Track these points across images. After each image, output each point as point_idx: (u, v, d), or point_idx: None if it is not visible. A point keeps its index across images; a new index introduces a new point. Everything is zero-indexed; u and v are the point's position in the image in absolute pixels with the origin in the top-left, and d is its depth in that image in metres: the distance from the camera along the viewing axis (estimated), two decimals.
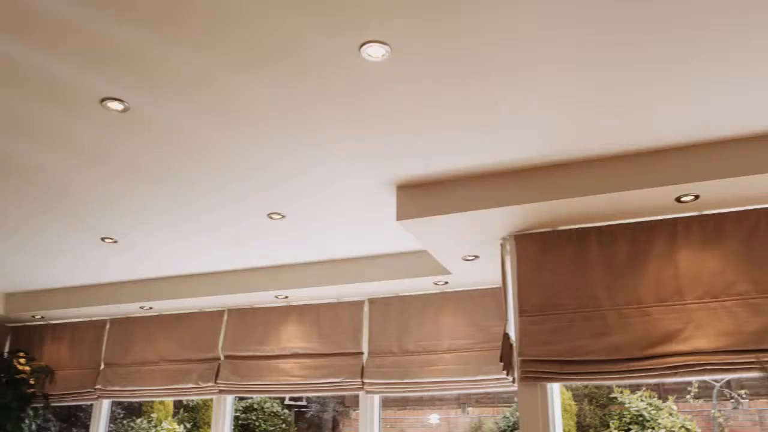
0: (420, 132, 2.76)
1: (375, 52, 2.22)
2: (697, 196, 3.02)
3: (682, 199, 3.04)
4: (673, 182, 2.90)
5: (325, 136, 2.81)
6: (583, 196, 3.01)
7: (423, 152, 2.95)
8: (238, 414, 9.32)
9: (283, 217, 3.74)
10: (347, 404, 10.56)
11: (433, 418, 9.83)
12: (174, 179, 3.26)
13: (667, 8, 2.02)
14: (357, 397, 4.83)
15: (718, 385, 8.40)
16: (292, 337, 4.93)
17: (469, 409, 9.77)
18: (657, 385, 8.72)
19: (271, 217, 3.75)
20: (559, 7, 2.00)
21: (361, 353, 4.71)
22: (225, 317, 5.20)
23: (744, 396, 8.28)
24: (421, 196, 3.27)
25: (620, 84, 2.42)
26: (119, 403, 8.41)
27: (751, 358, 2.89)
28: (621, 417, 8.16)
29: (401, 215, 3.27)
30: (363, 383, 4.62)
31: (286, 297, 4.87)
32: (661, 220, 3.22)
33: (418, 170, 3.13)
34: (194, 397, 7.29)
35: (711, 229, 3.15)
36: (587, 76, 2.37)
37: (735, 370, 2.96)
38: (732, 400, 8.42)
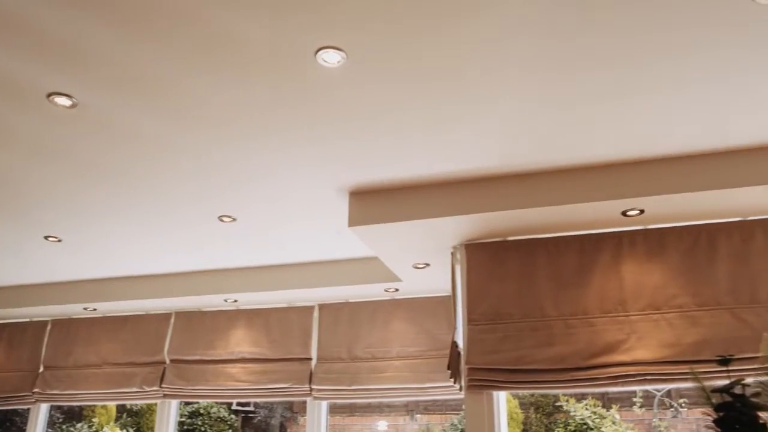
0: (375, 139, 2.77)
1: (331, 58, 2.22)
2: (642, 211, 3.10)
3: (628, 213, 3.12)
4: (619, 197, 2.98)
5: (279, 140, 2.79)
6: (533, 208, 3.06)
7: (377, 159, 2.96)
8: (183, 419, 9.15)
9: (235, 220, 3.70)
10: (295, 410, 10.47)
11: (381, 425, 9.83)
12: (122, 178, 3.19)
13: (619, 29, 2.07)
14: (305, 402, 4.80)
15: (659, 394, 8.62)
16: (240, 342, 4.86)
17: (418, 416, 9.80)
18: (602, 394, 8.91)
19: (222, 220, 3.70)
20: (519, 23, 2.04)
21: (310, 359, 4.68)
22: (172, 320, 5.11)
23: (683, 405, 8.52)
24: (373, 203, 3.27)
25: (573, 100, 2.47)
26: (59, 408, 8.16)
27: (686, 368, 2.97)
28: (566, 425, 8.31)
29: (353, 221, 3.27)
30: (311, 389, 4.59)
31: (236, 301, 4.80)
32: (608, 233, 3.30)
33: (371, 177, 3.14)
34: (138, 402, 7.13)
35: (655, 243, 3.24)
36: (542, 91, 2.41)
37: (673, 380, 3.04)
38: (672, 409, 8.65)
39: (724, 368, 2.74)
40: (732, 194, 2.94)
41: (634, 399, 8.75)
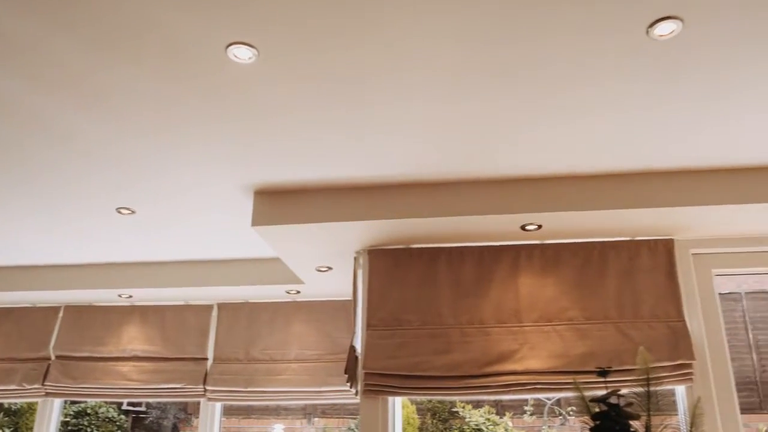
0: (284, 139, 2.73)
1: (242, 54, 2.17)
2: (540, 226, 3.22)
3: (527, 227, 3.23)
4: (519, 211, 3.08)
5: (186, 135, 2.70)
6: (437, 218, 3.12)
7: (285, 160, 2.92)
8: (68, 419, 8.71)
9: (134, 212, 3.56)
10: (189, 411, 10.18)
11: (278, 428, 9.71)
12: (16, 163, 3.00)
13: (528, 54, 2.14)
14: (200, 403, 4.67)
15: (549, 403, 8.96)
16: (133, 339, 4.68)
17: (315, 419, 9.75)
18: (496, 401, 9.16)
19: (120, 212, 3.55)
20: (434, 32, 2.06)
21: (206, 359, 4.57)
22: (60, 314, 4.85)
23: (570, 414, 8.89)
24: (278, 203, 3.23)
25: (481, 115, 2.53)
26: None
27: (578, 378, 3.10)
28: (461, 431, 8.50)
29: (257, 221, 3.21)
30: (205, 390, 4.48)
31: (130, 296, 4.62)
32: (507, 245, 3.40)
33: (278, 177, 3.10)
34: (17, 400, 6.71)
35: (550, 257, 3.37)
36: (452, 103, 2.45)
37: (561, 390, 3.16)
38: (560, 417, 9.00)
39: (603, 379, 2.88)
40: (622, 215, 3.10)
41: (526, 407, 9.05)
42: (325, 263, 3.74)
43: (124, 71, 2.27)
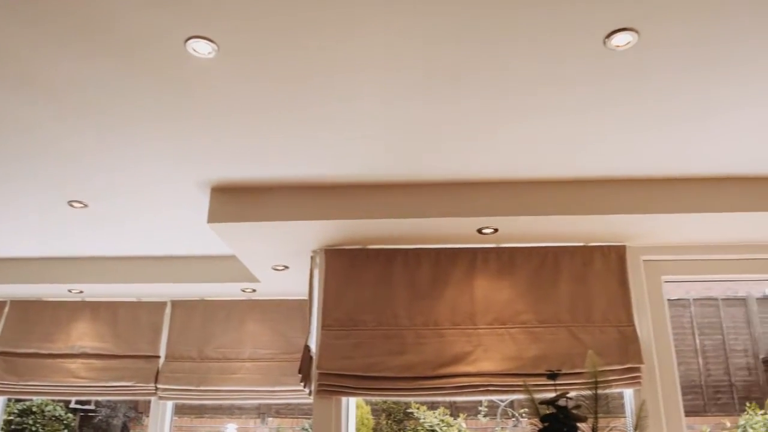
0: (242, 136, 2.70)
1: (201, 48, 2.14)
2: (496, 230, 3.25)
3: (483, 231, 3.26)
4: (476, 214, 3.10)
5: (143, 128, 2.65)
6: (394, 219, 3.12)
7: (243, 157, 2.89)
8: (12, 417, 8.46)
9: (86, 206, 3.48)
10: (140, 410, 9.99)
11: (230, 427, 9.61)
12: None
13: (487, 58, 2.16)
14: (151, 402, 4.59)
15: (503, 405, 9.05)
16: (82, 336, 4.57)
17: (269, 419, 9.67)
18: (451, 403, 9.22)
19: (72, 205, 3.46)
20: (392, 36, 2.06)
21: (158, 357, 4.49)
22: (6, 309, 4.70)
23: (523, 416, 9.00)
24: (236, 200, 3.20)
25: (440, 119, 2.54)
26: None
27: (529, 381, 3.14)
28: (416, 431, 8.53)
29: (213, 218, 3.17)
30: (156, 388, 4.40)
31: (81, 292, 4.52)
32: (463, 248, 3.43)
33: (235, 174, 3.07)
34: None
35: (506, 261, 3.41)
36: (411, 106, 2.46)
37: (513, 392, 3.20)
38: (513, 419, 9.11)
39: (552, 382, 2.93)
40: (576, 221, 3.15)
41: (480, 408, 9.13)
42: (281, 262, 3.72)
43: (80, 65, 2.22)
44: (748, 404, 9.03)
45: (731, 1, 1.93)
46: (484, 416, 9.12)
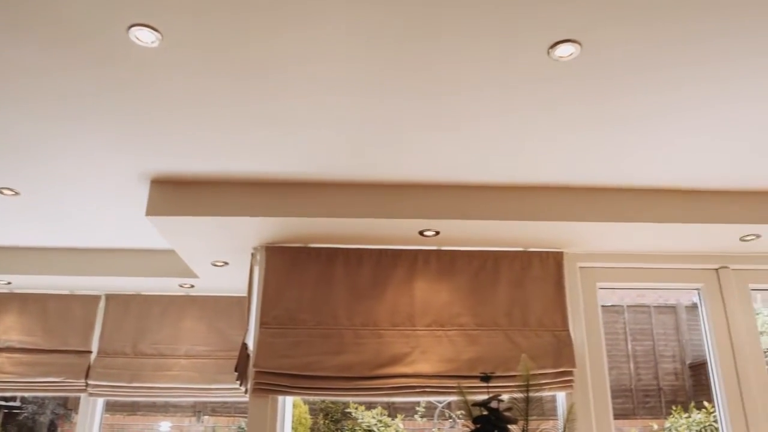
0: (186, 129, 2.65)
1: (145, 37, 2.08)
2: (437, 232, 3.28)
3: (425, 233, 3.28)
4: (418, 216, 3.13)
5: (81, 117, 2.56)
6: (337, 218, 3.11)
7: (185, 150, 2.83)
8: None
9: (17, 194, 3.35)
10: (69, 407, 9.69)
11: (164, 425, 9.41)
12: None
13: (432, 62, 2.17)
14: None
15: (440, 406, 9.14)
16: (9, 329, 4.40)
17: (205, 417, 9.52)
18: (389, 403, 9.26)
19: (2, 192, 3.33)
20: (343, 32, 2.06)
21: (90, 352, 4.36)
22: None
23: (460, 417, 9.11)
24: (176, 193, 3.13)
25: (386, 120, 2.55)
26: None
27: (464, 383, 3.18)
28: (353, 431, 8.54)
29: (152, 211, 3.10)
30: (87, 384, 4.27)
31: (9, 283, 4.35)
32: (405, 250, 3.45)
33: (176, 167, 3.00)
34: None
35: (446, 263, 3.45)
36: (358, 106, 2.45)
37: (448, 393, 3.24)
38: (450, 420, 9.21)
39: (486, 384, 2.98)
40: (516, 226, 3.21)
41: (418, 409, 9.20)
42: (221, 258, 3.66)
43: (16, 51, 2.13)
44: (674, 408, 9.37)
45: (672, 18, 2.00)
46: (422, 417, 9.19)
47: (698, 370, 10.47)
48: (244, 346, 3.34)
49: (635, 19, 1.99)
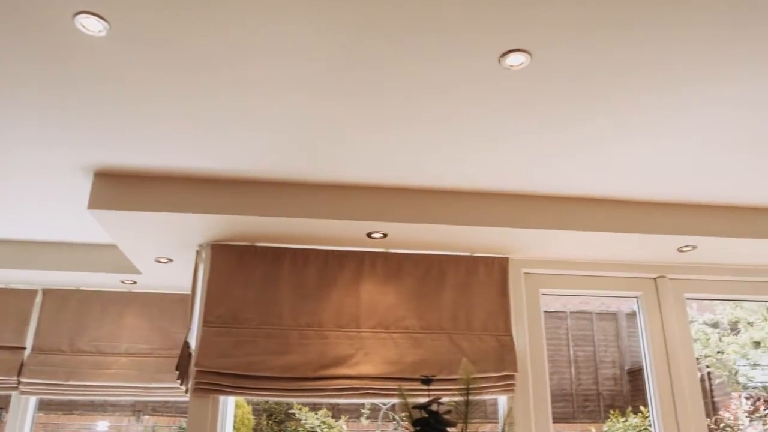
0: (131, 122, 2.59)
1: (91, 25, 2.03)
2: (385, 235, 3.29)
3: (372, 235, 3.29)
4: (365, 218, 3.13)
5: (22, 105, 2.48)
6: (284, 217, 3.09)
7: (131, 143, 2.77)
8: None
9: None
10: (1, 405, 9.34)
11: (102, 425, 9.17)
12: None
13: (383, 66, 2.18)
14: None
15: (384, 408, 9.16)
16: None
17: (145, 417, 9.32)
18: (333, 405, 9.24)
19: None
20: (297, 30, 2.05)
21: (23, 348, 4.21)
22: None
23: (404, 419, 9.14)
24: (120, 187, 3.06)
25: (337, 118, 2.54)
26: None
27: (407, 385, 3.19)
28: None
29: (94, 204, 3.02)
30: (19, 382, 4.12)
31: None
32: (352, 251, 3.45)
33: (121, 161, 2.93)
34: None
35: (393, 266, 3.46)
36: (309, 104, 2.44)
37: (392, 395, 3.24)
38: (394, 422, 9.24)
39: (426, 387, 3.01)
40: (463, 231, 3.24)
41: (362, 411, 9.21)
42: (165, 254, 3.59)
43: None
44: (612, 412, 9.62)
45: (619, 31, 2.05)
46: (366, 419, 9.20)
47: (636, 375, 10.78)
48: (186, 344, 3.29)
49: (584, 34, 2.04)
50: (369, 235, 3.29)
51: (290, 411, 8.79)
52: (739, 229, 3.44)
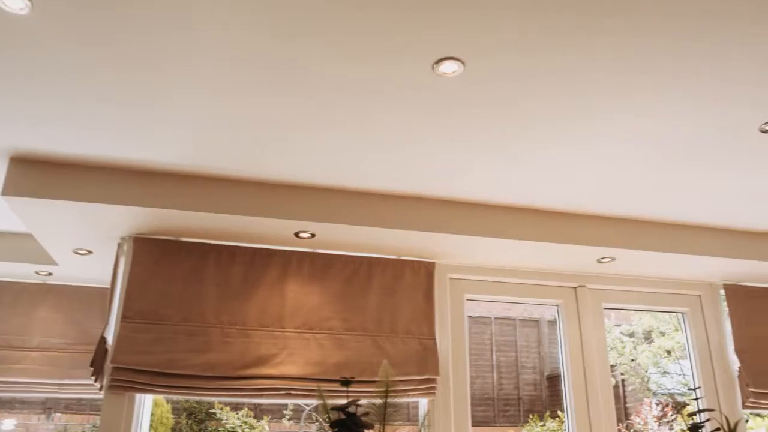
0: (52, 105, 2.48)
1: (13, 2, 1.94)
2: (313, 235, 3.27)
3: (300, 234, 3.27)
4: (294, 217, 3.10)
5: None
6: (211, 213, 3.03)
7: (51, 128, 2.66)
8: None
9: None
10: None
11: (8, 423, 8.75)
12: None
13: (323, 61, 2.17)
14: None
15: (308, 408, 9.11)
16: None
17: (57, 414, 8.95)
18: (255, 405, 9.13)
19: None
20: (227, 24, 2.01)
21: None
22: None
23: (327, 420, 9.12)
24: (38, 174, 2.93)
25: (266, 116, 2.51)
26: None
27: (329, 386, 3.18)
28: None
29: (8, 191, 2.88)
30: None
31: None
32: (279, 250, 3.42)
33: (40, 146, 2.81)
34: None
35: (320, 266, 3.44)
36: (238, 100, 2.40)
37: (314, 396, 3.23)
38: (317, 423, 9.20)
39: (346, 389, 3.01)
40: (390, 234, 3.26)
41: (285, 412, 9.13)
42: (85, 246, 3.46)
43: None
44: (531, 416, 9.87)
45: (548, 42, 2.11)
46: (289, 419, 9.13)
47: (555, 381, 11.10)
48: (103, 340, 3.18)
49: (516, 45, 2.09)
50: (297, 234, 3.26)
51: (211, 410, 8.63)
52: (656, 243, 3.59)
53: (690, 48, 2.10)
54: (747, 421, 4.32)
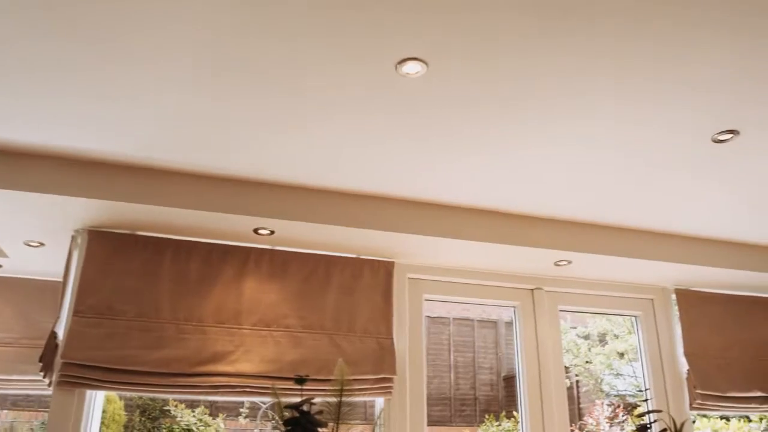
0: (5, 91, 2.41)
1: None
2: (272, 232, 3.25)
3: (259, 231, 3.24)
4: (253, 214, 3.08)
5: None
6: (169, 207, 2.99)
7: (8, 117, 2.58)
8: None
9: None
10: None
11: None
12: None
13: (288, 57, 2.15)
14: None
15: (264, 406, 9.05)
16: None
17: (4, 411, 8.71)
18: (211, 402, 9.02)
19: None
20: (190, 16, 1.98)
21: None
22: None
23: (282, 418, 9.08)
24: None
25: (229, 111, 2.48)
26: None
27: (285, 384, 3.16)
28: (170, 430, 8.22)
29: None
30: None
31: None
32: (237, 246, 3.38)
33: None
34: None
35: (279, 264, 3.42)
36: (200, 93, 2.37)
37: (269, 394, 3.20)
38: (273, 421, 9.15)
39: (300, 387, 3.00)
40: (350, 232, 3.26)
41: (241, 409, 9.05)
42: (36, 238, 3.38)
43: None
44: (487, 416, 9.97)
45: (510, 44, 2.13)
46: (245, 417, 9.05)
47: (511, 382, 11.24)
48: (53, 334, 3.10)
49: (478, 46, 2.10)
50: (256, 231, 3.23)
51: (165, 408, 8.51)
52: (611, 247, 3.66)
53: (657, 53, 2.15)
54: (694, 422, 4.44)
